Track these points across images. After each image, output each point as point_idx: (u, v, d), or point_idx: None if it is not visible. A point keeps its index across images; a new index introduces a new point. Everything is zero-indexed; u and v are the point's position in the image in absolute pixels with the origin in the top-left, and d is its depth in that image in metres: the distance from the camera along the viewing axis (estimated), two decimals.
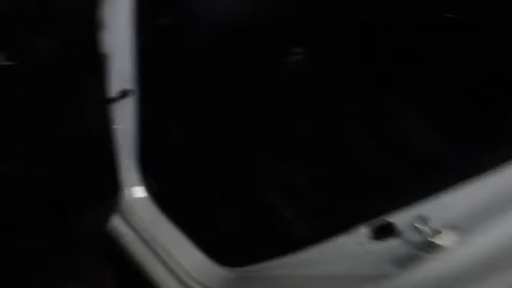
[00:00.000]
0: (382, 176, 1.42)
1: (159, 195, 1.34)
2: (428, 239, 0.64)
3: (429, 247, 0.65)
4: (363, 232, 0.79)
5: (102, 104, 1.06)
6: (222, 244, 1.28)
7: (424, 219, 0.66)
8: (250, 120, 1.52)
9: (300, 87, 1.61)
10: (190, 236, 1.25)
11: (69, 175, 1.09)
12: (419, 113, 1.62)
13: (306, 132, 1.60)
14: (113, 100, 1.09)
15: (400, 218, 0.74)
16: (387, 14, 1.56)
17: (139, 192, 1.34)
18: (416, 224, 0.67)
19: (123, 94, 1.12)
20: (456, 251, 0.64)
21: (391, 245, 0.75)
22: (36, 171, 1.00)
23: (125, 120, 1.18)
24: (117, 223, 1.34)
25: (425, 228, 0.65)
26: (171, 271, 1.21)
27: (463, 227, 0.63)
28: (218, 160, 1.48)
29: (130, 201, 1.31)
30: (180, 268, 1.20)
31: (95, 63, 0.98)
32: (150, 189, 1.34)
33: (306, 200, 1.42)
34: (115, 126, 1.13)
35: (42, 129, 0.96)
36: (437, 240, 0.63)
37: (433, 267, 0.67)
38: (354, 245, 0.82)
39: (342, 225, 0.85)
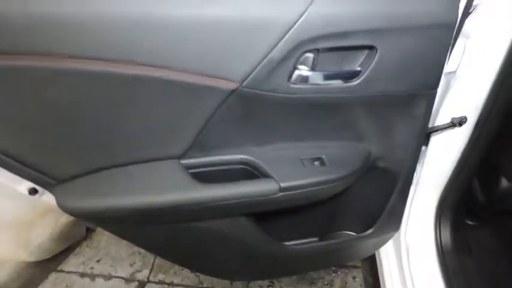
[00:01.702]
0: None
1: (450, 249, 1.18)
2: None
3: None
4: None
5: (416, 137, 0.92)
6: None
7: None
8: None
9: None
10: None
11: (347, 201, 1.08)
12: None
13: None
14: (434, 130, 0.97)
15: None
16: None
17: (420, 235, 1.21)
18: None
19: (455, 123, 0.95)
20: None
21: None
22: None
23: (440, 154, 1.05)
24: (387, 254, 1.31)
25: None
26: None
27: None
28: None
29: (409, 240, 1.22)
30: None
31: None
32: (440, 238, 1.19)
33: None
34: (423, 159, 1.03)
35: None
36: None
37: None
38: None
39: None
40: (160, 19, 0.65)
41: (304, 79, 0.75)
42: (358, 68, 0.76)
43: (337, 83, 0.78)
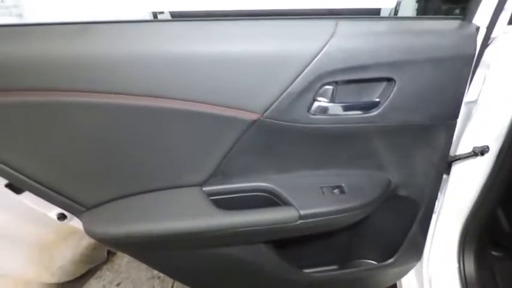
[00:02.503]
0: None
1: (474, 281, 1.15)
2: None
3: None
4: None
5: (436, 166, 0.94)
6: None
7: None
8: None
9: None
10: None
11: (368, 229, 1.09)
12: None
13: None
14: (455, 159, 0.96)
15: None
16: None
17: (443, 265, 1.18)
18: None
19: (476, 153, 0.94)
20: None
21: None
22: None
23: (462, 184, 1.04)
24: (409, 285, 1.28)
25: None
26: None
27: None
28: None
29: (432, 271, 1.19)
30: None
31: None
32: (464, 269, 1.16)
33: None
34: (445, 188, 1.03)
35: None
36: None
37: None
38: None
39: None
40: (184, 55, 0.69)
41: (324, 110, 0.78)
42: (377, 99, 0.78)
43: (356, 113, 0.80)
